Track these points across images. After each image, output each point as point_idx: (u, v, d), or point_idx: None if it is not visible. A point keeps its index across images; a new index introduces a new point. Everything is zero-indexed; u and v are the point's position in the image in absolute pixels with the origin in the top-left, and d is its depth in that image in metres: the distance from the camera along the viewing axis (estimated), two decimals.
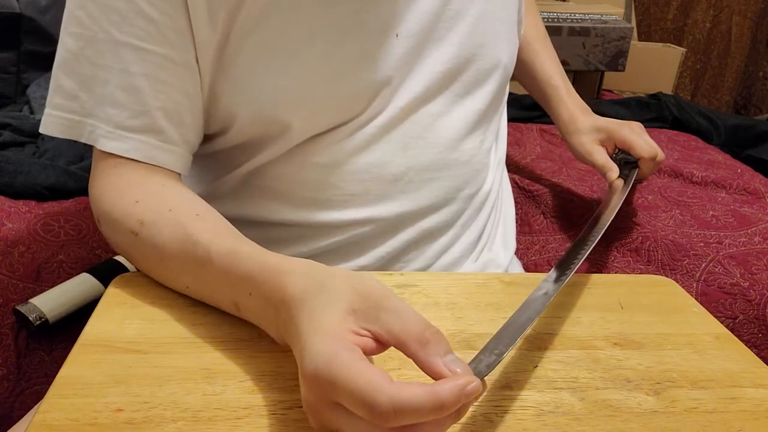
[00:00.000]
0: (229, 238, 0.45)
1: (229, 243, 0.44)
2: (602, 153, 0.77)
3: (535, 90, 0.86)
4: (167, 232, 0.47)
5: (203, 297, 0.47)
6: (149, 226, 0.48)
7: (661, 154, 0.75)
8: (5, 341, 0.69)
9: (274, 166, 0.58)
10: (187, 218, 0.47)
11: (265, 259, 0.42)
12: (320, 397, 0.33)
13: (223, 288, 0.45)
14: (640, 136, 0.76)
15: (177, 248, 0.46)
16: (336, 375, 0.32)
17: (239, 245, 0.44)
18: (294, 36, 0.53)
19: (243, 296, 0.43)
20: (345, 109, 0.56)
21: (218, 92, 0.54)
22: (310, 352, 0.33)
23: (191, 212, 0.48)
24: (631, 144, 0.75)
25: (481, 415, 0.39)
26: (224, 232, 0.47)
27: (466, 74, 0.61)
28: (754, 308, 0.72)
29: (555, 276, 0.48)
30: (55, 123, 0.52)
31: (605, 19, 1.39)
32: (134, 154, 0.51)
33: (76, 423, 0.36)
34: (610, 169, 0.74)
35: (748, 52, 2.53)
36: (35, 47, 1.29)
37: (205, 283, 0.46)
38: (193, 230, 0.46)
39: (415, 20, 0.56)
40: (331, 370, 0.32)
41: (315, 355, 0.33)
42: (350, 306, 0.35)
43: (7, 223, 0.78)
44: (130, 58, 0.50)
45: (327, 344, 0.33)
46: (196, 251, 0.45)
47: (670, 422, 0.39)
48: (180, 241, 0.46)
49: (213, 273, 0.44)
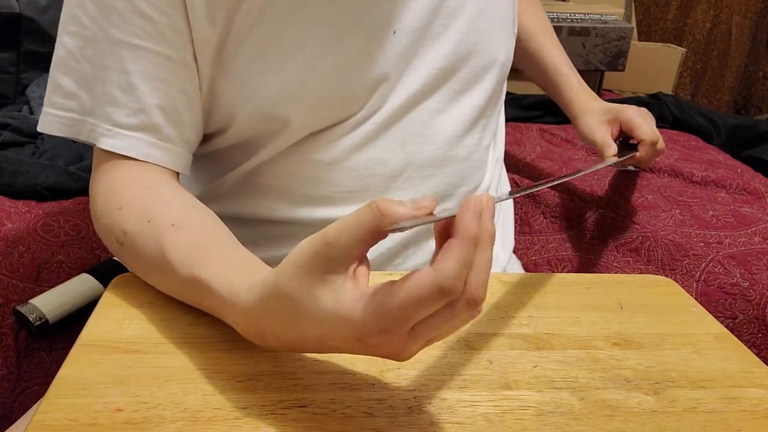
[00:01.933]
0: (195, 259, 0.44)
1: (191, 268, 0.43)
2: (605, 132, 0.76)
3: (544, 81, 0.86)
4: (147, 247, 0.47)
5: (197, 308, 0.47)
6: (131, 238, 0.48)
7: (662, 143, 0.74)
8: (5, 341, 0.69)
9: (272, 164, 0.58)
10: (163, 231, 0.46)
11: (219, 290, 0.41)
12: (401, 338, 0.33)
13: (203, 307, 0.45)
14: (645, 120, 0.75)
15: (156, 265, 0.46)
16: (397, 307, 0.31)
17: (200, 270, 0.42)
18: (292, 33, 0.53)
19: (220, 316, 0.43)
20: (343, 105, 0.56)
21: (218, 90, 0.54)
22: (356, 323, 0.33)
23: (167, 222, 0.47)
24: (634, 125, 0.74)
25: (481, 415, 0.39)
26: (195, 250, 0.45)
27: (464, 71, 0.61)
28: (754, 308, 0.72)
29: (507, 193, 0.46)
30: (53, 122, 0.52)
31: (605, 19, 1.39)
32: (131, 152, 0.51)
33: (76, 423, 0.36)
34: (608, 147, 0.73)
35: (748, 52, 2.53)
36: (35, 47, 1.29)
37: (188, 300, 0.46)
38: (167, 248, 0.45)
39: (412, 17, 0.56)
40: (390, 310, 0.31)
41: (365, 322, 0.32)
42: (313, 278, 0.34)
43: (7, 223, 0.78)
44: (128, 57, 0.50)
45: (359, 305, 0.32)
46: (170, 271, 0.45)
47: (670, 422, 0.39)
48: (157, 258, 0.46)
49: (188, 294, 0.45)
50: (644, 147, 0.74)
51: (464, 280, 0.31)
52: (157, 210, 0.48)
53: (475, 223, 0.32)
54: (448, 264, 0.31)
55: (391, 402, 0.39)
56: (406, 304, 0.31)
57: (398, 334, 0.32)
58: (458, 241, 0.31)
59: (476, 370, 0.43)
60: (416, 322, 0.32)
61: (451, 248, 0.31)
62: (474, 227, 0.32)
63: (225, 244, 0.46)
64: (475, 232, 0.31)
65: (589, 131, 0.77)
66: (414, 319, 0.32)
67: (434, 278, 0.31)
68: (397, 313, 0.31)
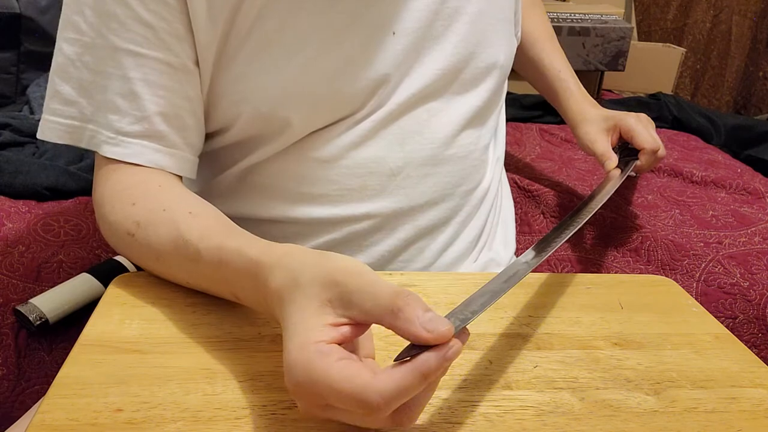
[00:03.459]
0: (218, 234, 0.45)
1: (216, 240, 0.44)
2: (605, 142, 0.75)
3: (543, 87, 0.86)
4: (161, 232, 0.47)
5: (203, 290, 0.48)
6: (144, 226, 0.48)
7: (663, 150, 0.74)
8: (5, 341, 0.69)
9: (271, 163, 0.58)
10: (180, 216, 0.47)
11: (249, 254, 0.41)
12: (311, 403, 0.33)
13: (218, 283, 0.45)
14: (645, 127, 0.75)
15: (170, 247, 0.47)
16: (319, 384, 0.32)
17: (226, 242, 0.44)
18: (292, 33, 0.53)
19: (237, 290, 0.44)
20: (343, 105, 0.56)
21: (219, 92, 0.54)
22: (289, 364, 0.33)
23: (185, 210, 0.48)
24: (635, 134, 0.74)
25: (481, 415, 0.39)
26: (215, 227, 0.46)
27: (464, 73, 0.61)
28: (754, 308, 0.72)
29: (533, 254, 0.47)
30: (53, 129, 0.52)
31: (605, 19, 1.39)
32: (136, 159, 0.52)
33: (76, 423, 0.36)
34: (609, 158, 0.72)
35: (748, 52, 2.53)
36: (35, 47, 1.29)
37: (200, 279, 0.47)
38: (184, 229, 0.46)
39: (411, 18, 0.56)
40: (313, 381, 0.32)
41: (293, 368, 0.33)
42: (322, 299, 0.35)
43: (7, 223, 0.78)
44: (129, 64, 0.50)
45: (303, 354, 0.33)
46: (187, 250, 0.45)
47: (670, 422, 0.39)
48: (173, 239, 0.46)
49: (205, 270, 0.45)
50: (645, 155, 0.73)
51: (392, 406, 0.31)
52: (171, 201, 0.49)
53: (440, 366, 0.32)
54: (391, 387, 0.31)
55: None
56: (329, 389, 0.32)
57: (309, 402, 0.33)
58: (417, 377, 0.31)
59: (476, 370, 0.43)
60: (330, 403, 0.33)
61: (407, 374, 0.31)
62: (436, 370, 0.31)
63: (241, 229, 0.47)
64: (434, 375, 0.32)
65: (589, 141, 0.76)
66: (329, 400, 0.32)
67: (372, 392, 0.31)
68: (317, 388, 0.32)
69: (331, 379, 0.31)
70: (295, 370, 0.33)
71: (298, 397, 0.34)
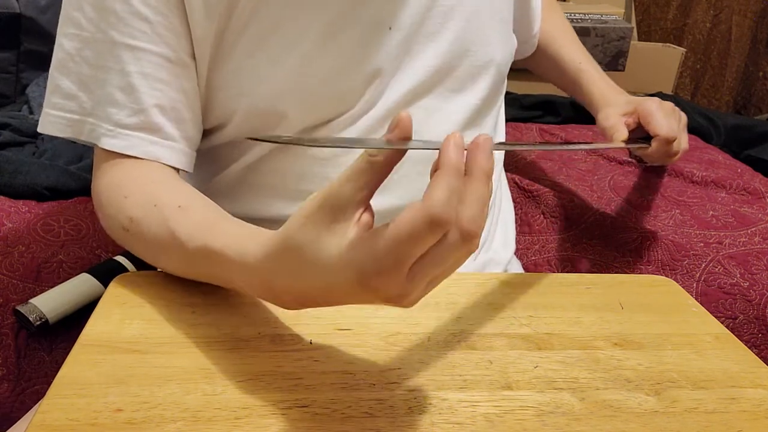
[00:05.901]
0: (203, 232, 0.45)
1: (201, 241, 0.44)
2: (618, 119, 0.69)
3: (567, 82, 0.83)
4: (153, 229, 0.48)
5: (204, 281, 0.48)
6: (137, 222, 0.49)
7: (680, 144, 0.68)
8: (5, 341, 0.69)
9: (269, 160, 0.59)
10: (169, 212, 0.47)
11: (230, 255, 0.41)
12: (396, 281, 0.32)
13: (214, 276, 0.46)
14: (666, 115, 0.68)
15: (163, 244, 0.47)
16: (390, 249, 0.31)
17: (211, 242, 0.44)
18: (289, 28, 0.53)
19: (231, 282, 0.44)
20: (339, 100, 0.57)
21: (215, 87, 0.55)
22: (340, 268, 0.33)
23: (174, 204, 0.48)
24: (651, 118, 0.67)
25: (481, 415, 0.39)
26: (202, 224, 0.46)
27: (459, 70, 0.61)
28: (754, 308, 0.72)
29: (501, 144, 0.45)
30: (53, 122, 0.53)
31: (605, 19, 1.39)
32: (133, 151, 0.52)
33: (76, 423, 0.36)
34: (617, 131, 0.67)
35: (748, 52, 2.53)
36: (35, 47, 1.29)
37: (197, 272, 0.48)
38: (174, 226, 0.46)
39: (407, 14, 0.57)
40: (386, 250, 0.31)
41: (357, 264, 0.33)
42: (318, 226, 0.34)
43: (7, 223, 0.78)
44: (127, 58, 0.51)
45: (355, 248, 0.33)
46: (179, 249, 0.46)
47: (671, 422, 0.39)
48: (164, 237, 0.47)
49: (198, 266, 0.46)
50: (656, 142, 0.66)
51: (454, 209, 0.31)
52: (162, 196, 0.49)
53: (455, 153, 0.32)
54: (434, 193, 0.31)
55: (391, 402, 0.39)
56: (399, 239, 0.31)
57: (396, 275, 0.32)
58: (441, 171, 0.31)
59: (476, 370, 0.43)
60: (413, 262, 0.32)
61: (435, 178, 0.31)
62: (453, 157, 0.32)
63: (230, 219, 0.47)
64: (455, 161, 0.31)
65: (604, 118, 0.71)
66: (409, 256, 0.32)
67: (422, 208, 0.30)
68: (391, 250, 0.31)
69: (392, 231, 0.31)
70: (365, 261, 0.32)
71: (386, 284, 0.32)
